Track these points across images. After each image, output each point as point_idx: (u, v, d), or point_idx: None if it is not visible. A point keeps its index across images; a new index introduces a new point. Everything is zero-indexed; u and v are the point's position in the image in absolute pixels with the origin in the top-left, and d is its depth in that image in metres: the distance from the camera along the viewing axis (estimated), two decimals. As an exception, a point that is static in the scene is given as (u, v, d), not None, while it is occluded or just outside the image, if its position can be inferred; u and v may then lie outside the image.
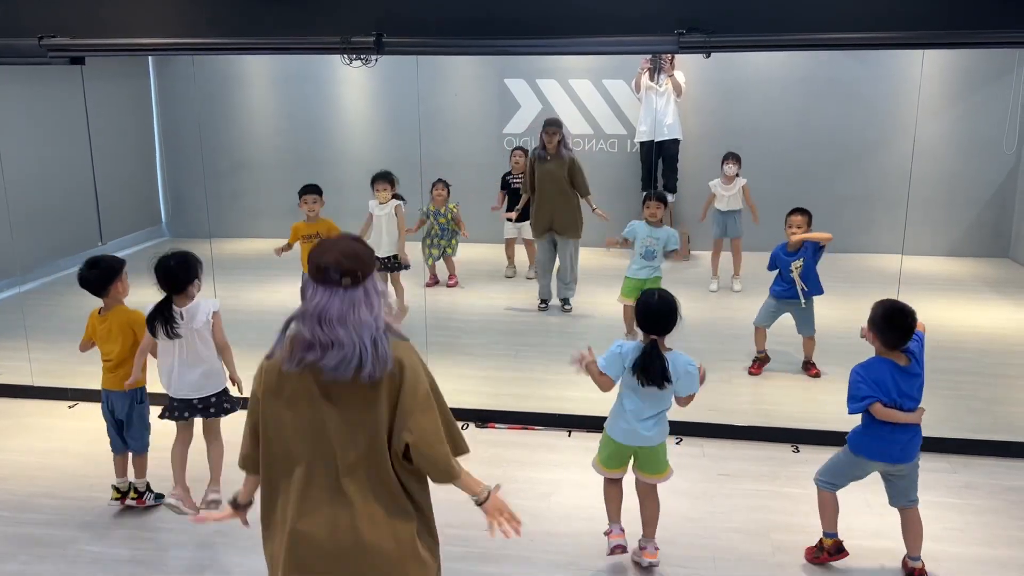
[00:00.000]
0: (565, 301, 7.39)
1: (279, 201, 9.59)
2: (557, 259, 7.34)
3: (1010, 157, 9.05)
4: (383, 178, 6.56)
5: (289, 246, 6.27)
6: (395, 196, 6.64)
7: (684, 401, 3.63)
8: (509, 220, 8.17)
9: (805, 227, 5.75)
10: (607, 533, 3.81)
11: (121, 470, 4.31)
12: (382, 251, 6.55)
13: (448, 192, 7.84)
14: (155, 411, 4.22)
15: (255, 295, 6.32)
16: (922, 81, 8.69)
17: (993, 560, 3.82)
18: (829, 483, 3.74)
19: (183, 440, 4.13)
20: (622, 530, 3.79)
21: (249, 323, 6.84)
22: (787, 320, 5.92)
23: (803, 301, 5.76)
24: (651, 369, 3.50)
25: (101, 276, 4.13)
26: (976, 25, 4.38)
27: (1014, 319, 7.19)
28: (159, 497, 4.32)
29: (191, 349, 3.92)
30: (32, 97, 8.12)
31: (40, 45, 4.98)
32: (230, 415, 4.13)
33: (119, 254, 4.48)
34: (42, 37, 4.98)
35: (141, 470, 4.31)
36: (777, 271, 5.90)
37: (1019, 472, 4.62)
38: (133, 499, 4.28)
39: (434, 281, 8.11)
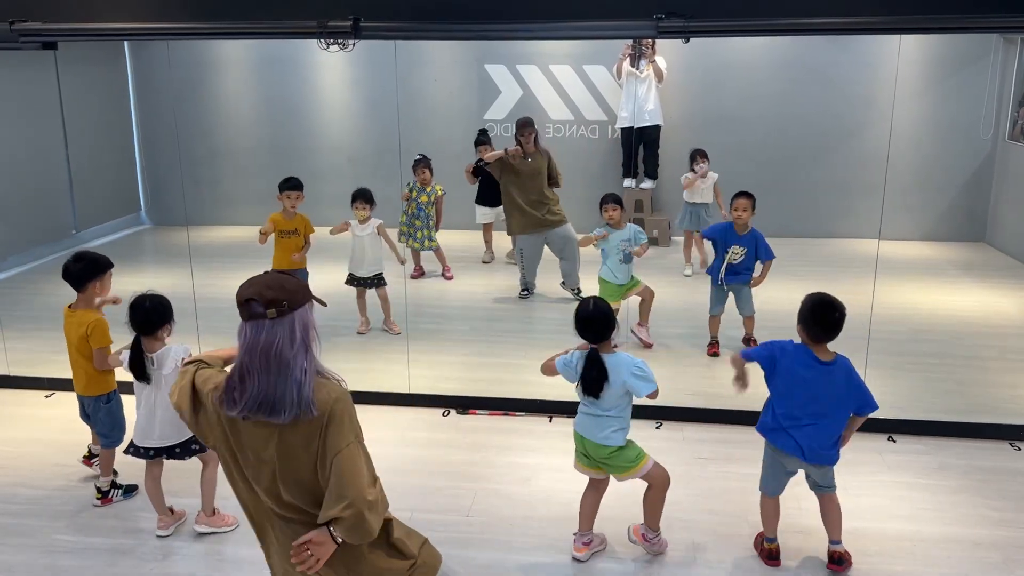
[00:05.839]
0: (577, 289, 7.16)
1: (257, 188, 9.53)
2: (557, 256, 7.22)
3: (986, 142, 9.13)
4: (363, 196, 6.32)
5: (265, 236, 6.13)
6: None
7: (651, 397, 3.54)
8: (480, 205, 8.23)
9: (750, 210, 5.84)
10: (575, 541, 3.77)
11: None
12: (364, 270, 6.39)
13: (431, 174, 7.66)
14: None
15: (233, 283, 6.21)
16: (899, 66, 8.76)
17: (965, 539, 3.88)
18: (766, 488, 3.68)
19: (153, 475, 3.94)
20: (586, 543, 3.75)
21: (227, 311, 6.84)
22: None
23: (724, 284, 5.89)
24: (589, 380, 3.50)
25: (83, 270, 4.10)
26: (953, 10, 4.41)
27: (988, 302, 7.28)
28: (129, 491, 4.29)
29: (159, 395, 3.78)
30: (4, 83, 7.99)
31: (11, 30, 4.89)
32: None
33: (97, 243, 4.44)
34: (13, 21, 4.89)
35: (106, 467, 4.24)
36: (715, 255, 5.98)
37: (991, 452, 4.69)
38: (98, 499, 4.21)
39: (419, 273, 8.03)
